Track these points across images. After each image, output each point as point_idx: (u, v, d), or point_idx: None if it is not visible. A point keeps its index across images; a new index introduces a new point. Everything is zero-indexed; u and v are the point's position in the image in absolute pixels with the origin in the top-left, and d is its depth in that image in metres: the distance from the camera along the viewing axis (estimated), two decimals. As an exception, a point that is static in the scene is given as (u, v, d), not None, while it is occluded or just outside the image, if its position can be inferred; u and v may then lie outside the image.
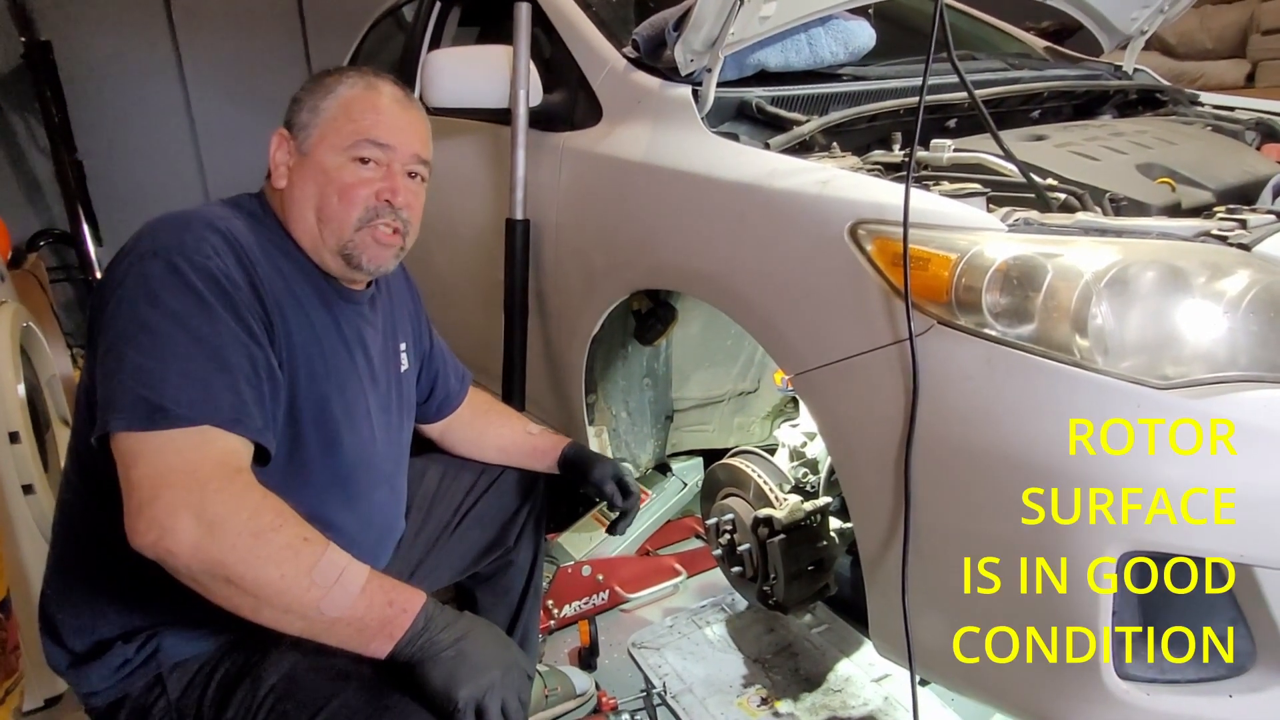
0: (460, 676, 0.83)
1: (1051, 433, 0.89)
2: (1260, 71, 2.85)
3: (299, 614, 0.81)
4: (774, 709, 1.50)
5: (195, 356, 0.84)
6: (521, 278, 1.71)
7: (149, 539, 0.78)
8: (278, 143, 1.03)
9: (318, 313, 1.02)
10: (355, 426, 1.04)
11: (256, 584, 0.79)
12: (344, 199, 1.00)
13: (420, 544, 1.28)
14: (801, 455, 1.52)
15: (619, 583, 1.83)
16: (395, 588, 0.86)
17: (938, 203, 1.01)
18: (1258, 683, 0.89)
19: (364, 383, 1.08)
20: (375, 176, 1.02)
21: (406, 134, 1.04)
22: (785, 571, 1.36)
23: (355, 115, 1.01)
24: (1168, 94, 1.86)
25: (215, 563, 0.78)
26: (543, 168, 1.69)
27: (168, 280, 0.86)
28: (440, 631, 0.85)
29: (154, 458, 0.80)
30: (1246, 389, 0.86)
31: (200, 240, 0.90)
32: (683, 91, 1.43)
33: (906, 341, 0.98)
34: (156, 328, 0.84)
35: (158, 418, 0.81)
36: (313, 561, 0.81)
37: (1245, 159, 1.40)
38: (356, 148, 1.00)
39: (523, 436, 1.39)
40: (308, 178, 1.01)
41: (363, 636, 0.83)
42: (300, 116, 1.02)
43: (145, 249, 0.88)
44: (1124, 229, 0.96)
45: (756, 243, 1.18)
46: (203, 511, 0.78)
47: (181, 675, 0.92)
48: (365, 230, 1.02)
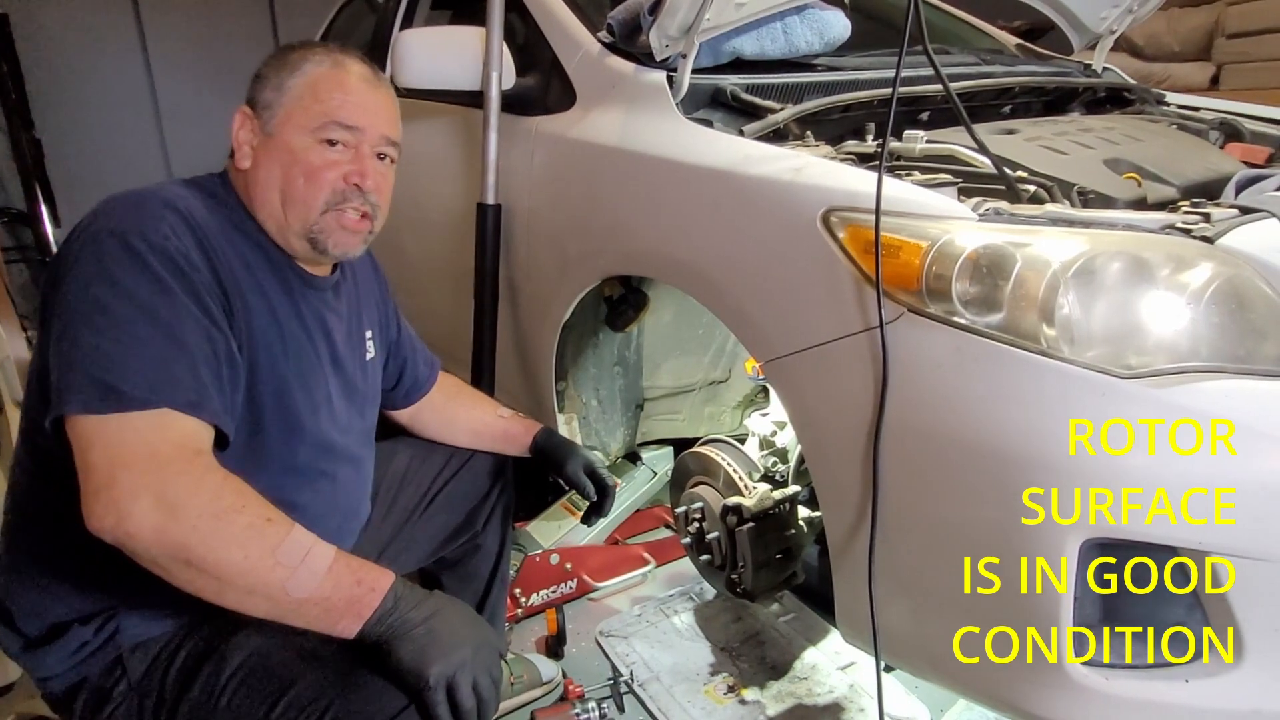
0: (431, 654, 0.82)
1: (1018, 421, 0.90)
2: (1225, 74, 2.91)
3: (264, 595, 0.79)
4: (740, 697, 1.51)
5: (153, 338, 0.82)
6: (492, 263, 1.69)
7: (108, 523, 0.76)
8: (240, 121, 0.99)
9: (278, 297, 0.99)
10: (316, 410, 1.02)
11: (219, 566, 0.77)
12: (310, 181, 0.97)
13: (387, 527, 1.26)
14: (771, 444, 1.52)
15: (587, 571, 1.83)
16: (363, 567, 0.85)
17: (910, 191, 1.01)
18: (1213, 668, 0.91)
19: (326, 367, 1.05)
20: (343, 159, 0.99)
21: (375, 115, 1.01)
22: (753, 560, 1.36)
23: (322, 95, 0.98)
24: (1135, 93, 1.89)
25: (177, 545, 0.76)
26: (515, 152, 1.67)
27: (124, 260, 0.83)
28: (410, 610, 0.84)
29: (111, 441, 0.78)
30: (1208, 379, 0.88)
31: (158, 220, 0.87)
32: (657, 77, 1.42)
33: (877, 329, 0.98)
34: (113, 309, 0.82)
35: (114, 400, 0.79)
36: (277, 541, 0.80)
37: (1209, 157, 1.42)
38: (324, 129, 0.98)
39: (494, 420, 1.38)
40: (273, 159, 0.98)
41: (330, 617, 0.82)
42: (264, 94, 0.99)
43: (101, 228, 0.85)
44: (1091, 220, 0.97)
45: (729, 229, 1.18)
46: (163, 494, 0.76)
47: (142, 656, 0.90)
48: (332, 214, 0.99)
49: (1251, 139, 1.65)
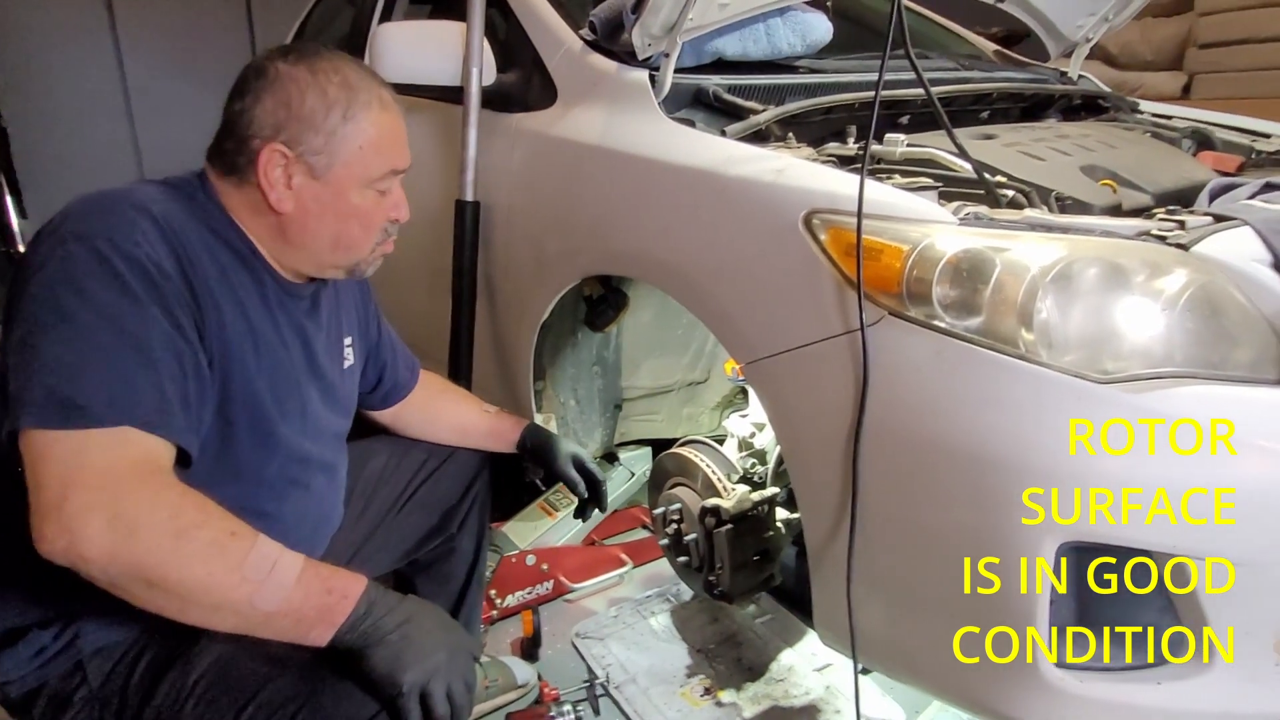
0: (405, 661, 0.81)
1: (997, 424, 0.90)
2: (1196, 84, 2.97)
3: (231, 611, 0.77)
4: (717, 699, 1.51)
5: (118, 351, 0.79)
6: (470, 261, 1.68)
7: (58, 545, 0.73)
8: (273, 158, 0.91)
9: (254, 305, 0.96)
10: (291, 420, 1.00)
11: (182, 584, 0.75)
12: (366, 229, 1.00)
13: (361, 528, 1.24)
14: (750, 445, 1.52)
15: (564, 572, 1.81)
16: (333, 574, 0.83)
17: (891, 194, 1.01)
18: (1184, 671, 0.92)
19: (303, 376, 1.03)
20: (390, 201, 1.01)
21: (407, 149, 1.02)
22: (731, 561, 1.36)
23: (385, 149, 0.97)
24: (1110, 100, 1.91)
25: (134, 566, 0.73)
26: (495, 149, 1.65)
27: (93, 268, 0.80)
28: (383, 616, 0.82)
29: (65, 458, 0.75)
30: (1182, 385, 0.89)
31: (130, 226, 0.83)
32: (639, 76, 1.42)
33: (858, 332, 0.98)
34: (77, 318, 0.78)
35: (74, 416, 0.75)
36: (241, 556, 0.77)
37: (1183, 165, 1.44)
38: (383, 181, 0.98)
39: (479, 417, 1.37)
40: (326, 209, 0.95)
41: (301, 627, 0.80)
42: (310, 139, 0.92)
43: (70, 231, 0.82)
44: (1069, 226, 0.98)
45: (710, 230, 1.17)
46: (118, 514, 0.73)
47: (103, 662, 0.87)
48: (377, 249, 1.03)
49: (1223, 148, 1.67)
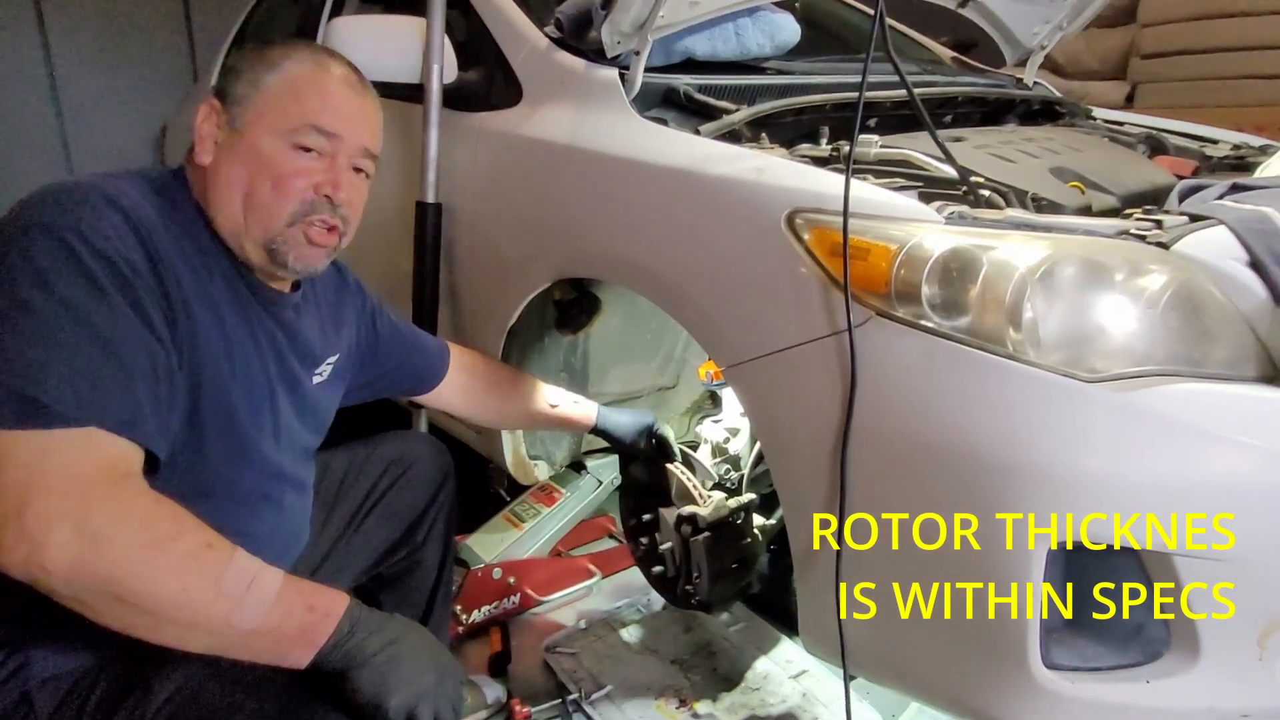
0: (391, 683, 0.76)
1: (987, 425, 0.89)
2: (1139, 93, 3.07)
3: (206, 629, 0.72)
4: (693, 710, 1.48)
5: (85, 348, 0.73)
6: (432, 265, 1.62)
7: (18, 555, 0.67)
8: (205, 113, 0.91)
9: (230, 310, 0.90)
10: (264, 431, 0.94)
11: (155, 600, 0.69)
12: (278, 189, 0.89)
13: (323, 542, 1.18)
14: (724, 451, 1.50)
15: (531, 585, 1.76)
16: (314, 591, 0.78)
17: (877, 193, 1.00)
18: (1171, 668, 0.92)
19: (277, 386, 0.97)
20: (316, 167, 0.91)
21: (356, 124, 0.94)
22: (710, 570, 1.33)
23: (301, 96, 0.90)
24: (1065, 107, 1.95)
25: (102, 579, 0.67)
26: (457, 149, 1.60)
27: (59, 261, 0.74)
28: (368, 636, 0.78)
29: (27, 461, 0.69)
30: (1167, 383, 0.89)
31: (99, 217, 0.78)
32: (609, 74, 1.39)
33: (844, 333, 0.96)
34: (40, 312, 0.72)
35: (35, 415, 0.69)
36: (219, 570, 0.72)
37: (1144, 169, 1.47)
38: (299, 133, 0.90)
39: (546, 408, 1.42)
40: (238, 158, 0.89)
41: (280, 648, 0.75)
42: (237, 88, 0.91)
43: (31, 222, 0.76)
44: (1052, 225, 0.98)
45: (688, 230, 1.14)
46: (85, 523, 0.67)
47: (53, 692, 0.79)
48: (297, 226, 0.91)
49: (1175, 153, 1.72)
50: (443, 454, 1.36)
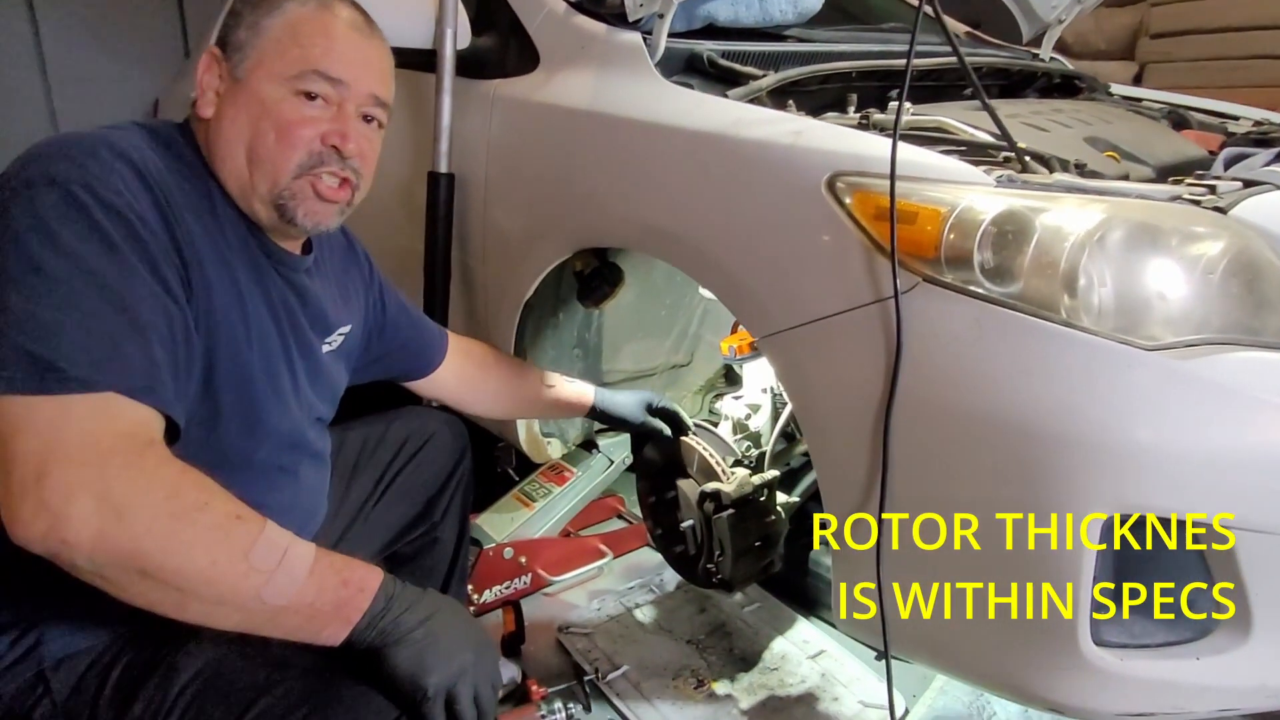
0: (430, 661, 0.73)
1: (1041, 394, 0.86)
2: (1147, 73, 3.04)
3: (236, 605, 0.68)
4: (711, 690, 1.45)
5: (99, 308, 0.68)
6: (444, 237, 1.57)
7: (37, 529, 0.62)
8: (206, 63, 0.86)
9: (244, 270, 0.86)
10: (281, 401, 0.90)
11: (181, 574, 0.65)
12: (282, 139, 0.84)
13: (340, 519, 1.14)
14: (745, 428, 1.46)
15: (542, 565, 1.73)
16: (348, 565, 0.74)
17: (924, 155, 0.96)
18: (1222, 644, 0.90)
19: (293, 353, 0.93)
20: (322, 116, 0.86)
21: (364, 68, 0.89)
22: (734, 548, 1.30)
23: (304, 40, 0.85)
24: (1085, 81, 1.92)
25: (126, 554, 0.63)
26: (470, 117, 1.55)
27: (68, 215, 0.69)
28: (404, 611, 0.74)
29: (43, 428, 0.64)
30: (1226, 350, 0.86)
31: (108, 170, 0.73)
32: (633, 37, 1.34)
33: (888, 300, 0.93)
34: (52, 271, 0.68)
35: (50, 379, 0.65)
36: (249, 543, 0.68)
37: (1174, 141, 1.45)
38: (302, 79, 0.85)
39: (542, 389, 1.36)
40: (240, 109, 0.84)
41: (314, 624, 0.71)
42: (237, 34, 0.86)
43: (36, 175, 0.71)
44: (1105, 189, 0.95)
45: (721, 196, 1.11)
46: (107, 492, 0.63)
47: (69, 672, 0.76)
48: (305, 179, 0.86)
49: (1198, 128, 1.69)
50: (459, 429, 1.32)
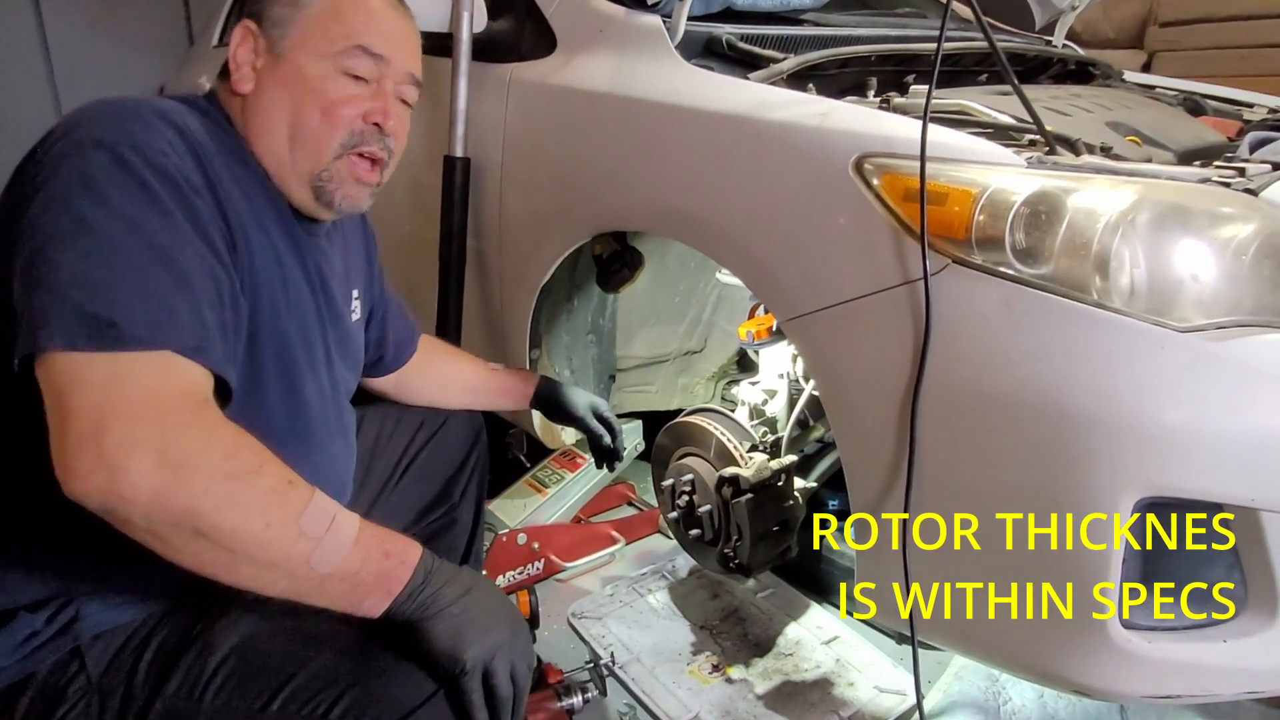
0: (468, 636, 0.73)
1: (1072, 376, 0.86)
2: (1156, 62, 3.03)
3: (285, 570, 0.67)
4: (726, 675, 1.46)
5: (151, 268, 0.68)
6: (460, 221, 1.57)
7: (95, 482, 0.62)
8: (241, 36, 0.86)
9: (281, 238, 0.86)
10: (315, 370, 0.90)
11: (235, 536, 0.65)
12: (327, 117, 0.84)
13: (361, 502, 1.14)
14: (762, 413, 1.46)
15: (555, 551, 1.73)
16: (389, 537, 0.74)
17: (954, 136, 0.96)
18: (1249, 627, 0.90)
19: (325, 322, 0.93)
20: (364, 94, 0.86)
21: (401, 46, 0.89)
22: (751, 532, 1.30)
23: (344, 15, 0.85)
24: (1099, 68, 1.91)
25: (183, 511, 0.63)
26: (486, 101, 1.54)
27: (116, 176, 0.69)
28: (442, 585, 0.74)
29: (101, 384, 0.64)
30: (1258, 333, 0.86)
31: (155, 133, 0.73)
32: (652, 20, 1.33)
33: (917, 282, 0.92)
34: (103, 230, 0.67)
35: (108, 336, 0.65)
36: (300, 508, 0.68)
37: (1194, 127, 1.44)
38: (348, 55, 0.85)
39: (487, 374, 1.30)
40: (282, 86, 0.84)
41: (357, 593, 0.71)
42: (274, 9, 0.85)
43: (83, 138, 0.70)
44: (1135, 171, 0.94)
45: (745, 178, 1.10)
46: (167, 449, 0.63)
47: (105, 648, 0.75)
48: (346, 160, 0.87)
49: (1214, 115, 1.69)
50: (474, 412, 1.32)
